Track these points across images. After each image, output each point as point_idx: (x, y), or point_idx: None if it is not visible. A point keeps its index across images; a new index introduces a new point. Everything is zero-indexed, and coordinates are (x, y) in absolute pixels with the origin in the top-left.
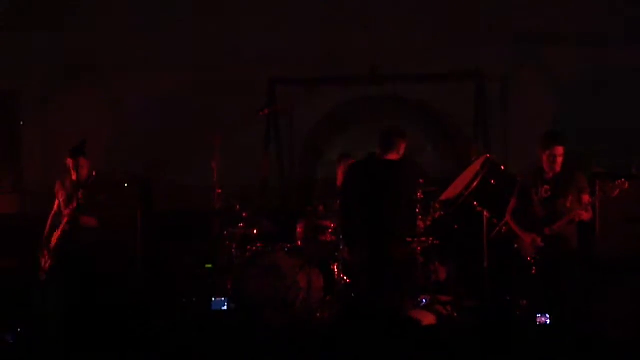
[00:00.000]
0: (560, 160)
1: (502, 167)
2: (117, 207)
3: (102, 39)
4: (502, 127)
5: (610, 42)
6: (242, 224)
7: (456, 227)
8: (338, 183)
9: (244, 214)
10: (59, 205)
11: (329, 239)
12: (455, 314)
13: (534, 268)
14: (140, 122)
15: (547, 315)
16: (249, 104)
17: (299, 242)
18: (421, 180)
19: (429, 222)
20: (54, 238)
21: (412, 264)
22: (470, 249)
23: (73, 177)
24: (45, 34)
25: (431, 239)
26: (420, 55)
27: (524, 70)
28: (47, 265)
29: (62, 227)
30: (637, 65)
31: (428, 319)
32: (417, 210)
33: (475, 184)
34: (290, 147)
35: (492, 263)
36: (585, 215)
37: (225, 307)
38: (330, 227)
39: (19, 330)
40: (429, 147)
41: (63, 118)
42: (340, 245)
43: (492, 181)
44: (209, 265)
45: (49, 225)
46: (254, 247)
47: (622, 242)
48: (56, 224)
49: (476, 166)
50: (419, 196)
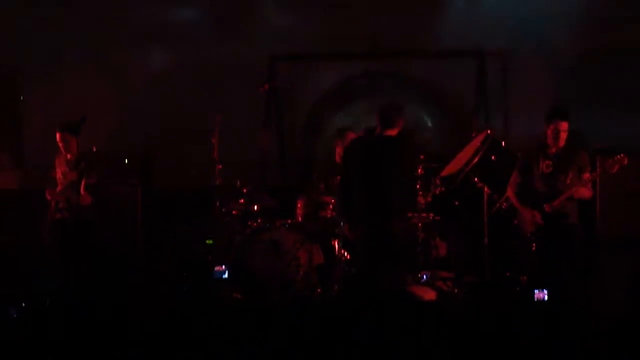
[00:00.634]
0: (564, 135)
1: (503, 143)
2: (117, 183)
3: (104, 14)
4: (503, 104)
5: (610, 19)
6: (242, 200)
7: (457, 203)
8: (337, 158)
9: (244, 190)
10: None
11: (329, 215)
12: (456, 290)
13: (534, 244)
14: (142, 98)
15: (546, 291)
16: (249, 80)
17: (299, 218)
18: (422, 156)
19: (429, 198)
20: (51, 214)
21: (412, 240)
22: (471, 225)
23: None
24: (45, 9)
25: (432, 215)
26: (421, 32)
27: (525, 46)
28: (47, 241)
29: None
30: (637, 41)
31: (428, 294)
32: (418, 186)
33: (475, 160)
34: (290, 123)
35: (492, 239)
36: (586, 192)
37: (225, 276)
38: (331, 203)
39: (23, 305)
40: (430, 124)
41: (63, 94)
42: (340, 221)
43: (493, 157)
44: (210, 241)
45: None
46: (254, 223)
47: (622, 217)
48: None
49: (477, 142)
50: (419, 172)
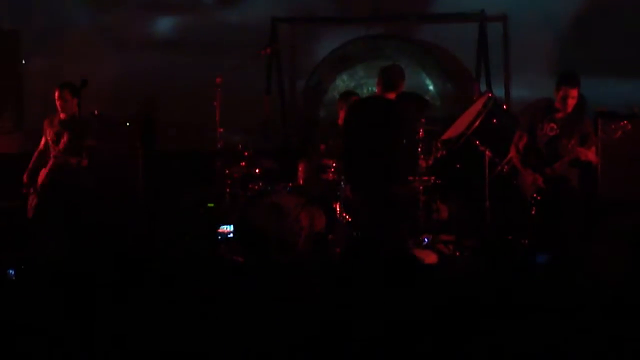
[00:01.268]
0: (572, 102)
1: (504, 107)
2: (118, 147)
3: None
4: (504, 68)
5: None
6: (243, 163)
7: (458, 166)
8: (339, 122)
9: (246, 153)
10: (46, 144)
11: (331, 178)
12: (457, 253)
13: (535, 208)
14: (143, 61)
15: (547, 255)
16: (251, 43)
17: (301, 181)
18: (422, 120)
19: (430, 162)
20: (40, 177)
21: (413, 203)
22: (472, 188)
23: (60, 113)
24: None
25: (433, 178)
26: None
27: (525, 10)
28: (34, 204)
29: (49, 167)
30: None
31: (430, 257)
32: (419, 149)
33: (477, 123)
34: (292, 86)
35: (493, 202)
36: (592, 156)
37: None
38: (332, 166)
39: (22, 267)
40: (431, 87)
41: (65, 56)
42: (341, 183)
43: (494, 120)
44: (211, 204)
45: (32, 163)
46: (256, 187)
47: (624, 182)
48: (42, 162)
49: (478, 105)
50: (420, 135)
